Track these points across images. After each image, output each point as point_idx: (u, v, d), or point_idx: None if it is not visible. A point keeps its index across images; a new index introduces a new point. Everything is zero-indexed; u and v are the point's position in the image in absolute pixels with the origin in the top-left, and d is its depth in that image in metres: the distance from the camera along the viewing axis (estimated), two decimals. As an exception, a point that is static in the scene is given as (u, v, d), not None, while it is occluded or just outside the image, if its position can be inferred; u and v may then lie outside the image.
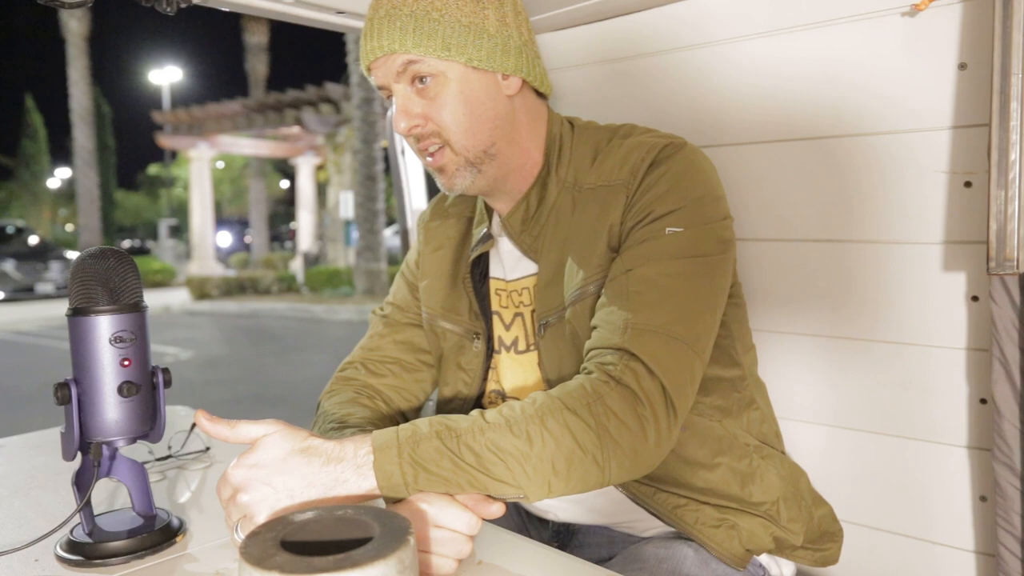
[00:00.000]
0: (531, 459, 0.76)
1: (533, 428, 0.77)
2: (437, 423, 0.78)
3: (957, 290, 1.11)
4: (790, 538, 1.01)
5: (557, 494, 0.79)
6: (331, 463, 0.75)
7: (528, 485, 0.77)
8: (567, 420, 0.78)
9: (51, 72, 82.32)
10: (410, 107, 0.95)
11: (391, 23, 0.92)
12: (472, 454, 0.75)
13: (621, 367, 0.82)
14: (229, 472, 0.76)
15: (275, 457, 0.75)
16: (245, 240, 33.35)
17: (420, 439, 0.76)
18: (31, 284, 16.58)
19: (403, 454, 0.75)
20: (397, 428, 0.78)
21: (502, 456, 0.75)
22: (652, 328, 0.85)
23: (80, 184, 23.73)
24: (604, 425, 0.78)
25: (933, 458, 1.17)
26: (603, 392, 0.80)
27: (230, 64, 73.58)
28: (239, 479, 0.75)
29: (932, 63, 1.09)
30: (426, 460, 0.75)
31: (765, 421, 1.07)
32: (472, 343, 1.07)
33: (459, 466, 0.75)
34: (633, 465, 0.81)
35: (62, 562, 0.81)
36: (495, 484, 0.76)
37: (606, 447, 0.78)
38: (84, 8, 1.11)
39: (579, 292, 0.94)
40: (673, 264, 0.88)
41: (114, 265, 0.80)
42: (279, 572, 0.53)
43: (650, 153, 0.94)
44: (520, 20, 0.99)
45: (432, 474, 0.75)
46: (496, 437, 0.76)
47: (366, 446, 0.76)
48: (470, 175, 0.98)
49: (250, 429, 0.77)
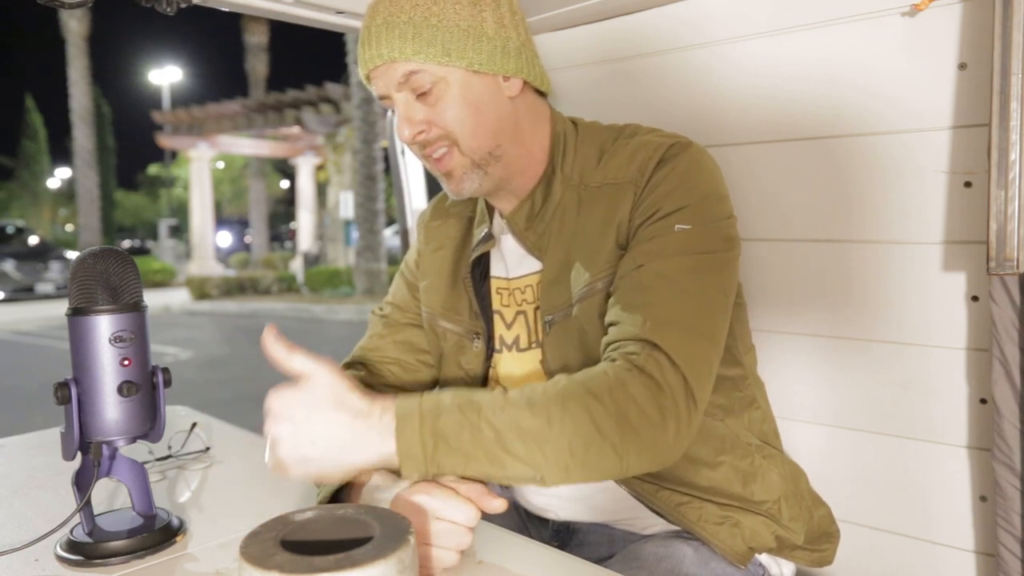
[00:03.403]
0: (549, 440, 0.75)
1: (553, 409, 0.77)
2: (460, 396, 0.78)
3: (957, 290, 1.11)
4: (791, 537, 1.01)
5: (575, 479, 0.78)
6: (358, 420, 0.76)
7: (545, 466, 0.76)
8: (588, 404, 0.77)
9: (51, 72, 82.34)
10: (412, 114, 0.95)
11: (389, 30, 0.92)
12: (492, 429, 0.75)
13: (644, 356, 0.82)
14: (271, 397, 0.78)
15: (310, 401, 0.76)
16: (245, 240, 33.34)
17: (442, 411, 0.76)
18: (31, 284, 16.58)
19: (424, 424, 0.75)
20: (420, 397, 0.78)
21: (521, 434, 0.75)
22: (672, 320, 0.84)
23: (80, 184, 23.73)
24: (625, 413, 0.78)
25: (933, 458, 1.17)
26: (626, 380, 0.80)
27: (230, 64, 73.59)
28: (275, 408, 0.77)
29: (932, 63, 1.09)
30: (447, 432, 0.75)
31: (765, 420, 1.08)
32: (472, 343, 1.07)
33: (479, 441, 0.75)
34: (652, 456, 0.80)
35: (62, 562, 0.81)
36: (512, 462, 0.76)
37: (625, 435, 0.77)
38: (84, 8, 1.11)
39: (587, 289, 0.94)
40: (684, 260, 0.88)
41: (114, 265, 0.81)
42: (279, 572, 0.53)
43: (657, 151, 0.95)
44: (517, 20, 0.99)
45: (451, 447, 0.75)
46: (517, 415, 0.76)
47: (390, 412, 0.77)
48: (477, 178, 0.98)
49: (303, 364, 0.78)
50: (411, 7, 0.91)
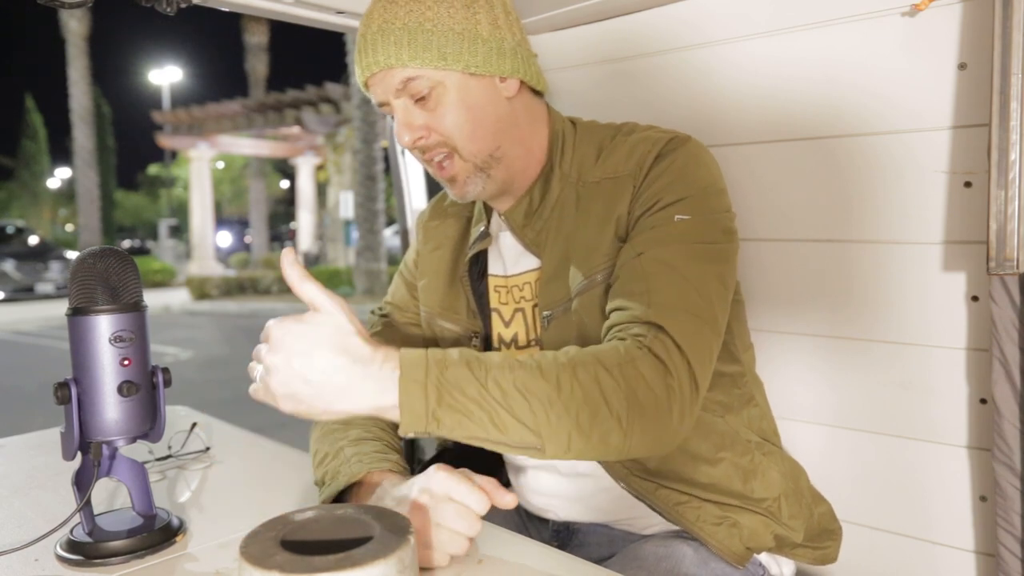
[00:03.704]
0: (556, 405, 0.74)
1: (564, 375, 0.75)
2: (468, 353, 0.76)
3: (957, 290, 1.11)
4: (791, 535, 1.02)
5: (575, 453, 0.76)
6: (356, 366, 0.71)
7: (548, 433, 0.74)
8: (598, 375, 0.76)
9: (51, 72, 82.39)
10: (412, 120, 0.95)
11: (385, 37, 0.92)
12: (499, 389, 0.73)
13: (651, 338, 0.82)
14: (271, 324, 0.73)
15: (311, 336, 0.71)
16: (245, 240, 33.32)
17: (449, 364, 0.74)
18: (31, 284, 16.57)
19: (430, 375, 0.72)
20: (427, 350, 0.75)
21: (528, 397, 0.74)
22: (676, 305, 0.85)
23: (80, 184, 23.72)
24: (633, 388, 0.77)
25: (933, 458, 1.17)
26: (636, 356, 0.79)
27: (230, 64, 73.57)
28: (274, 335, 0.72)
29: (932, 63, 1.09)
30: (452, 386, 0.72)
31: (764, 418, 1.08)
32: (471, 342, 1.07)
33: (484, 398, 0.73)
34: (655, 436, 0.79)
35: (62, 562, 0.81)
36: (516, 426, 0.74)
37: (632, 410, 0.77)
38: (84, 8, 1.11)
39: (587, 282, 0.95)
40: (685, 248, 0.89)
41: (114, 265, 0.81)
42: (279, 571, 0.53)
43: (656, 146, 0.95)
44: (511, 20, 0.99)
45: (455, 402, 0.72)
46: (526, 377, 0.74)
47: (393, 360, 0.73)
48: (480, 181, 0.98)
49: (314, 294, 0.73)
50: (405, 13, 0.92)
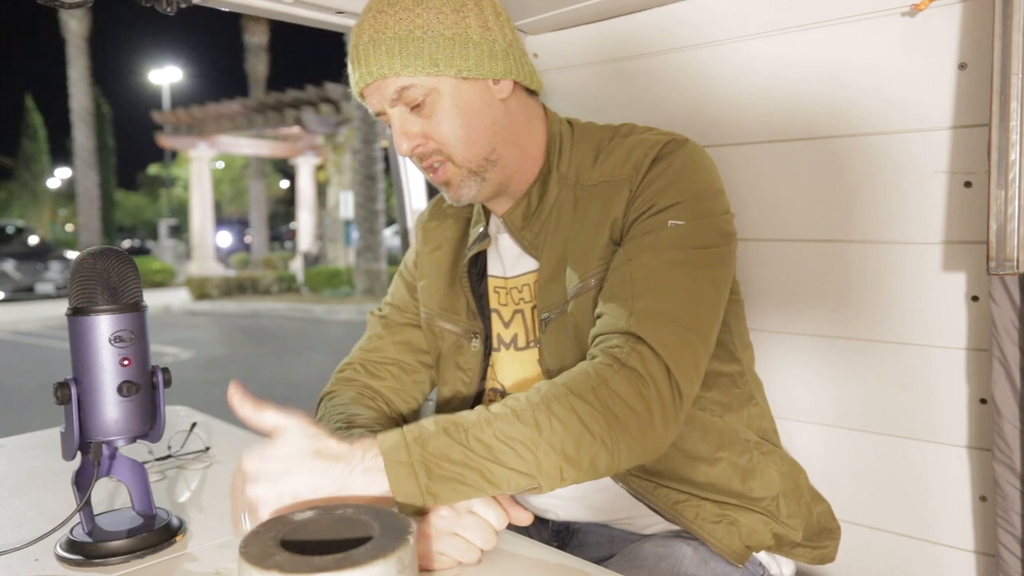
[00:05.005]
0: (541, 445, 0.76)
1: (540, 415, 0.77)
2: (443, 420, 0.77)
3: (957, 290, 1.11)
4: (790, 534, 1.02)
5: (570, 481, 0.78)
6: (338, 465, 0.73)
7: (540, 472, 0.76)
8: (573, 404, 0.78)
9: (51, 72, 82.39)
10: (408, 127, 0.96)
11: (376, 48, 0.92)
12: (482, 445, 0.75)
13: (627, 350, 0.83)
14: (244, 461, 0.75)
15: (286, 455, 0.73)
16: (245, 240, 33.33)
17: (428, 437, 0.75)
18: (31, 284, 16.58)
19: (413, 453, 0.74)
20: (403, 429, 0.76)
21: (512, 444, 0.75)
22: (656, 312, 0.85)
23: (80, 184, 23.72)
24: (610, 408, 0.78)
25: (933, 458, 1.17)
26: (607, 376, 0.80)
27: (230, 64, 73.63)
28: (251, 470, 0.74)
29: (932, 63, 1.09)
30: (437, 457, 0.74)
31: (764, 417, 1.08)
32: (470, 342, 1.07)
33: (471, 459, 0.74)
34: (642, 447, 0.81)
35: (62, 562, 0.81)
36: (508, 474, 0.75)
37: (614, 430, 0.78)
38: (84, 8, 1.11)
39: (581, 285, 0.95)
40: (675, 254, 0.89)
41: (114, 265, 0.81)
42: (279, 571, 0.53)
43: (653, 149, 0.95)
44: (502, 21, 0.99)
45: (445, 472, 0.74)
46: (504, 427, 0.76)
47: (374, 448, 0.75)
48: (475, 184, 0.99)
49: (272, 419, 0.76)
50: (395, 22, 0.92)
